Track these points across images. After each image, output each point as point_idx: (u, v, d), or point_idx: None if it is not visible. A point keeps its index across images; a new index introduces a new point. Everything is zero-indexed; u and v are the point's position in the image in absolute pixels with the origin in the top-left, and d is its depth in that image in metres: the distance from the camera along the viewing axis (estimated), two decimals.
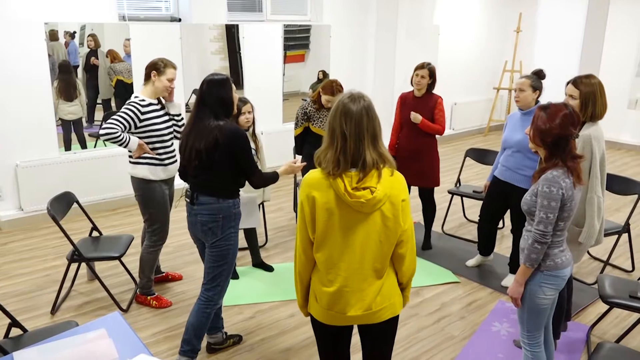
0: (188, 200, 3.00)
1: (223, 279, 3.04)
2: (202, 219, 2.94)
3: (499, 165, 4.13)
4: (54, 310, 3.80)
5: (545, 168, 2.49)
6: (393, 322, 2.28)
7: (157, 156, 3.63)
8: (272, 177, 3.08)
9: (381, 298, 2.17)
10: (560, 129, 2.42)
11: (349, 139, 2.05)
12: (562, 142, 2.44)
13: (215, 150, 2.82)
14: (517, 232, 4.10)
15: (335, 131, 2.08)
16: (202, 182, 2.92)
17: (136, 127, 3.55)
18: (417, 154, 4.59)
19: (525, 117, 3.83)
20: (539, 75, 3.82)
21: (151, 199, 3.67)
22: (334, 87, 4.40)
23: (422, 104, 4.54)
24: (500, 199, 4.15)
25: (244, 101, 3.92)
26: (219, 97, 2.89)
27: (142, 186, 3.66)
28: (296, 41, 7.24)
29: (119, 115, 3.49)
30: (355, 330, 2.37)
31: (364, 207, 2.04)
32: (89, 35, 5.49)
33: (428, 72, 4.48)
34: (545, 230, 2.44)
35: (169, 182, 3.81)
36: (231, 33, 6.52)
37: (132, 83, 5.81)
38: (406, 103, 4.64)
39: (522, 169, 3.88)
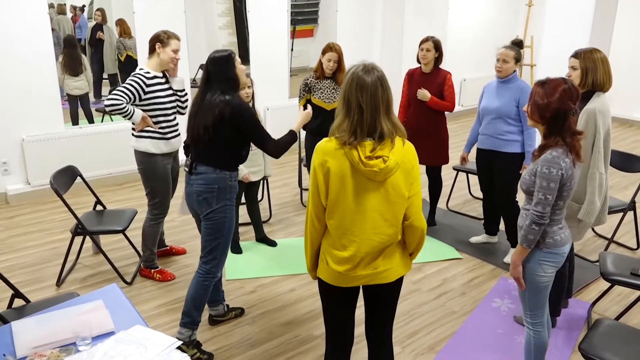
0: (187, 170, 3.01)
1: (220, 252, 3.03)
2: (198, 189, 2.93)
3: (479, 135, 4.20)
4: (59, 282, 3.86)
5: (545, 146, 2.46)
6: (398, 283, 2.34)
7: (159, 130, 3.64)
8: (290, 140, 2.99)
9: (389, 259, 2.24)
10: (559, 103, 2.39)
11: (366, 111, 2.09)
12: (560, 117, 2.40)
13: (221, 124, 2.83)
14: (502, 203, 4.18)
15: (352, 103, 2.11)
16: (202, 151, 2.93)
17: (140, 100, 3.57)
18: (425, 132, 4.47)
19: (502, 85, 4.01)
20: (519, 45, 3.93)
21: (153, 173, 3.69)
22: (329, 45, 4.40)
23: (430, 80, 4.45)
24: (489, 169, 4.18)
25: None
26: (223, 73, 2.89)
27: (144, 159, 3.68)
28: (305, 16, 7.16)
29: (124, 87, 3.51)
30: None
31: (377, 176, 2.10)
32: (97, 10, 5.46)
33: (433, 45, 4.38)
34: (544, 212, 2.42)
35: (172, 155, 3.82)
36: (238, 7, 6.46)
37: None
38: (414, 80, 4.54)
39: (503, 134, 4.00)
